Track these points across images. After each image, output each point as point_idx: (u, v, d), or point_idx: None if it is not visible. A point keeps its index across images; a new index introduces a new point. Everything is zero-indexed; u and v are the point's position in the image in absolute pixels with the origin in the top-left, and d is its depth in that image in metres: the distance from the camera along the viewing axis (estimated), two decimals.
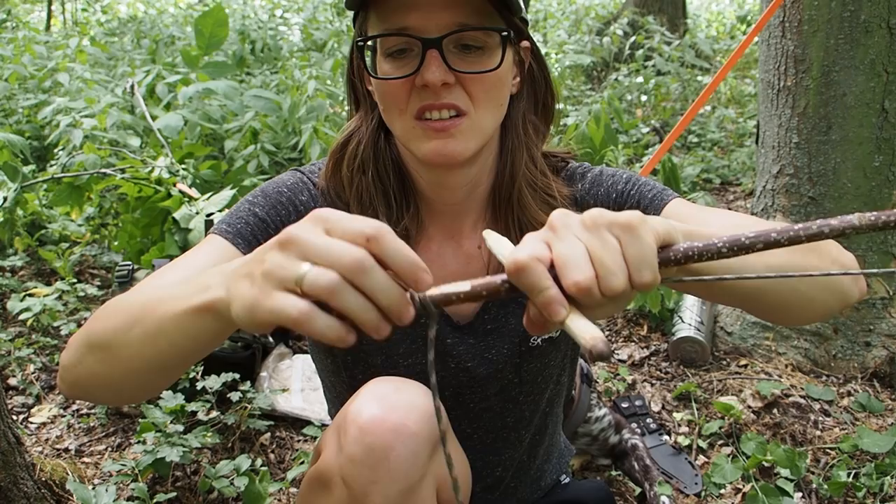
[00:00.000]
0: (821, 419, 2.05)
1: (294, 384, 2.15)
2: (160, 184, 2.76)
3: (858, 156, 2.17)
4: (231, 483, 1.69)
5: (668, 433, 2.02)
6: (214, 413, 1.93)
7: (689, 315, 2.39)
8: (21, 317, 2.40)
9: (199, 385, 1.92)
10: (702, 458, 1.93)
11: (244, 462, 1.71)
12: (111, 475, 1.81)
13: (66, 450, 1.94)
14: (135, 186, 2.74)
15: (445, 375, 1.15)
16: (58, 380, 0.90)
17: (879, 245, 2.20)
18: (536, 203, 1.09)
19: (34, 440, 1.98)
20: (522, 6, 1.00)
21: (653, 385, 2.25)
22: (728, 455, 1.89)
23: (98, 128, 3.41)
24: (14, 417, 2.05)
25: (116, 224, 3.18)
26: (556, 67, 5.87)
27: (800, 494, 1.78)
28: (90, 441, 1.99)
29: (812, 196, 2.25)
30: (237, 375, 1.98)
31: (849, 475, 1.80)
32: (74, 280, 2.68)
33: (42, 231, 3.14)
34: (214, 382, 1.93)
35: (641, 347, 2.45)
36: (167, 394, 1.84)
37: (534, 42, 1.08)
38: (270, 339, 2.33)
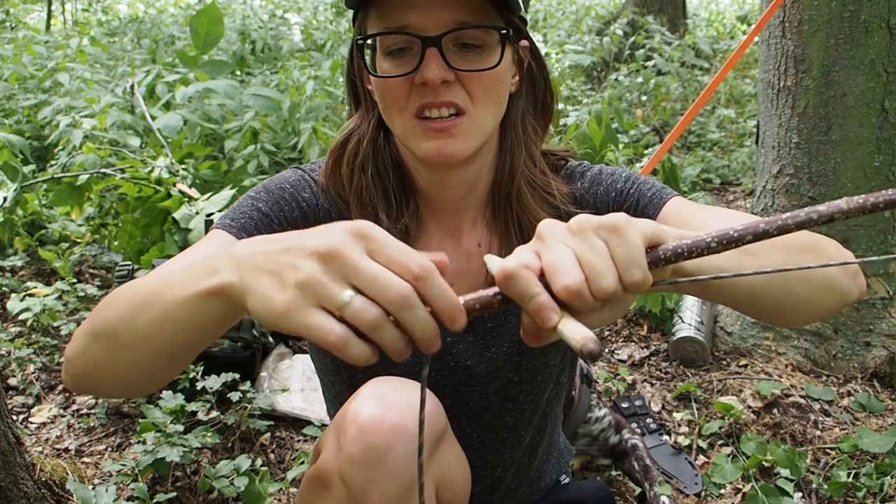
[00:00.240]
0: (821, 419, 2.05)
1: (294, 384, 2.15)
2: (160, 184, 2.76)
3: (858, 156, 2.17)
4: (231, 483, 1.69)
5: (668, 433, 2.02)
6: (214, 413, 1.93)
7: (689, 315, 2.39)
8: (21, 317, 2.40)
9: (199, 385, 1.92)
10: (702, 458, 1.93)
11: (244, 462, 1.71)
12: (111, 475, 1.81)
13: (66, 450, 1.94)
14: (135, 186, 2.74)
15: (445, 373, 1.15)
16: (63, 373, 0.89)
17: (879, 245, 2.20)
18: (536, 201, 1.09)
19: (34, 440, 1.98)
20: (521, 5, 1.00)
21: (653, 385, 2.25)
22: (728, 455, 1.89)
23: (98, 128, 3.41)
24: (14, 417, 2.05)
25: (116, 224, 3.18)
26: (557, 68, 5.87)
27: (800, 494, 1.78)
28: (90, 441, 1.99)
29: (812, 196, 2.24)
30: (237, 375, 1.98)
31: (849, 475, 1.80)
32: (74, 280, 2.68)
33: (42, 231, 3.14)
34: (214, 382, 1.93)
35: (641, 347, 2.45)
36: (167, 394, 1.84)
37: (533, 41, 1.08)
38: (270, 340, 2.33)
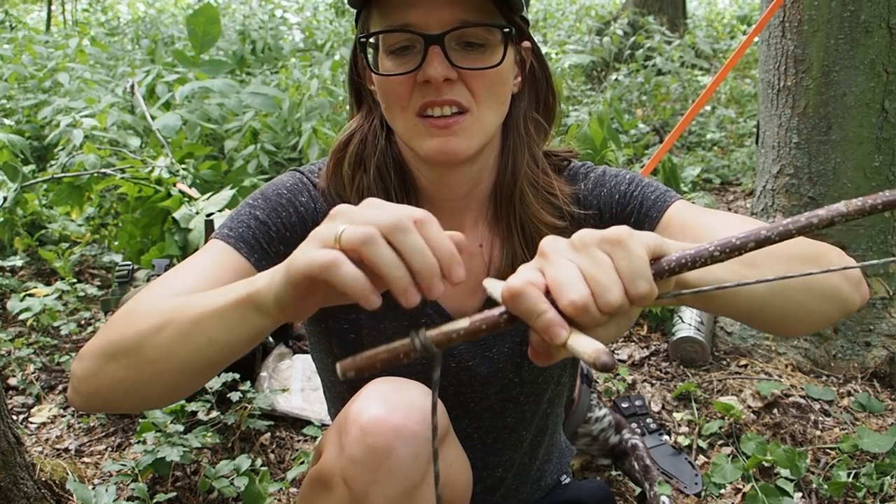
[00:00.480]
0: (821, 419, 2.05)
1: (294, 384, 2.15)
2: (160, 184, 2.76)
3: (858, 156, 2.17)
4: (231, 483, 1.69)
5: (668, 433, 2.02)
6: (214, 413, 1.93)
7: (689, 315, 2.40)
8: (21, 317, 2.40)
9: None
10: (702, 458, 1.93)
11: (244, 462, 1.71)
12: (111, 475, 1.81)
13: (66, 450, 1.94)
14: (135, 186, 2.74)
15: (446, 374, 1.15)
16: (71, 393, 0.87)
17: (879, 245, 2.21)
18: (538, 202, 1.09)
19: (34, 440, 1.98)
20: (523, 4, 1.00)
21: (653, 385, 2.25)
22: (728, 455, 1.89)
23: (98, 128, 3.41)
24: (14, 417, 2.05)
25: (116, 224, 3.18)
26: (557, 68, 5.87)
27: (800, 494, 1.78)
28: (90, 441, 1.99)
29: (812, 196, 2.25)
30: (237, 375, 1.98)
31: (849, 475, 1.80)
32: (74, 280, 2.68)
33: (42, 231, 3.14)
34: (214, 382, 1.93)
35: (641, 347, 2.45)
36: None
37: (535, 42, 1.08)
38: (270, 340, 2.33)
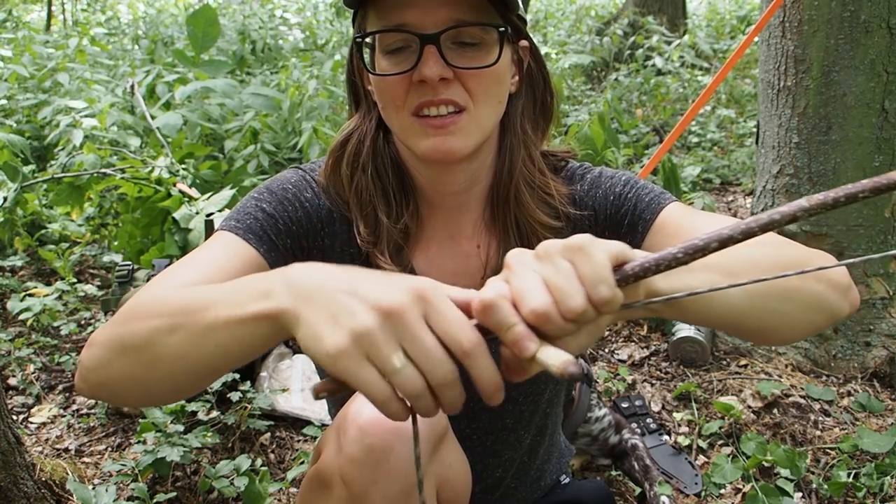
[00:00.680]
0: (821, 419, 2.05)
1: (294, 384, 2.15)
2: (160, 184, 2.76)
3: (858, 156, 2.17)
4: (231, 483, 1.69)
5: (668, 433, 2.02)
6: (214, 413, 1.93)
7: None
8: (21, 317, 2.40)
9: None
10: (702, 458, 1.93)
11: (244, 462, 1.71)
12: (111, 475, 1.81)
13: (66, 450, 1.94)
14: (135, 186, 2.74)
15: None
16: (78, 380, 0.86)
17: (879, 245, 2.20)
18: (534, 201, 1.09)
19: (34, 440, 1.98)
20: (520, 4, 1.00)
21: (653, 385, 2.25)
22: (728, 455, 1.89)
23: (98, 128, 3.42)
24: (14, 417, 2.05)
25: (116, 224, 3.18)
26: (557, 68, 5.87)
27: (800, 494, 1.78)
28: (90, 441, 1.99)
29: None
30: (237, 375, 1.98)
31: (849, 475, 1.80)
32: (74, 280, 2.68)
33: (42, 231, 3.14)
34: (214, 382, 1.93)
35: (641, 347, 2.45)
36: None
37: (532, 42, 1.08)
38: None
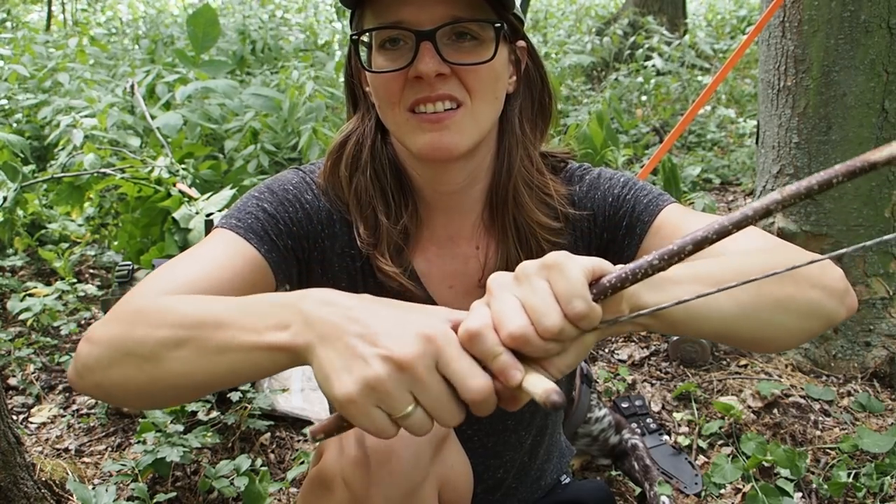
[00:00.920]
0: (821, 419, 2.05)
1: (294, 384, 2.15)
2: (160, 184, 2.76)
3: (858, 156, 2.17)
4: (231, 483, 1.69)
5: (668, 433, 2.02)
6: (214, 413, 1.93)
7: None
8: (21, 317, 2.40)
9: None
10: (702, 458, 1.93)
11: (244, 462, 1.71)
12: (111, 475, 1.81)
13: (66, 450, 1.94)
14: (135, 186, 2.74)
15: None
16: (72, 374, 0.85)
17: (880, 245, 2.20)
18: (533, 202, 1.09)
19: (34, 440, 1.98)
20: (516, 3, 1.00)
21: (653, 385, 2.25)
22: (728, 455, 1.89)
23: (98, 128, 3.41)
24: (14, 417, 2.05)
25: (116, 224, 3.18)
26: (556, 68, 5.87)
27: (800, 494, 1.78)
28: (90, 441, 1.99)
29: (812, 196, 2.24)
30: None
31: (849, 475, 1.80)
32: (74, 280, 2.68)
33: (42, 231, 3.14)
34: None
35: (641, 347, 2.45)
36: None
37: (530, 42, 1.08)
38: None
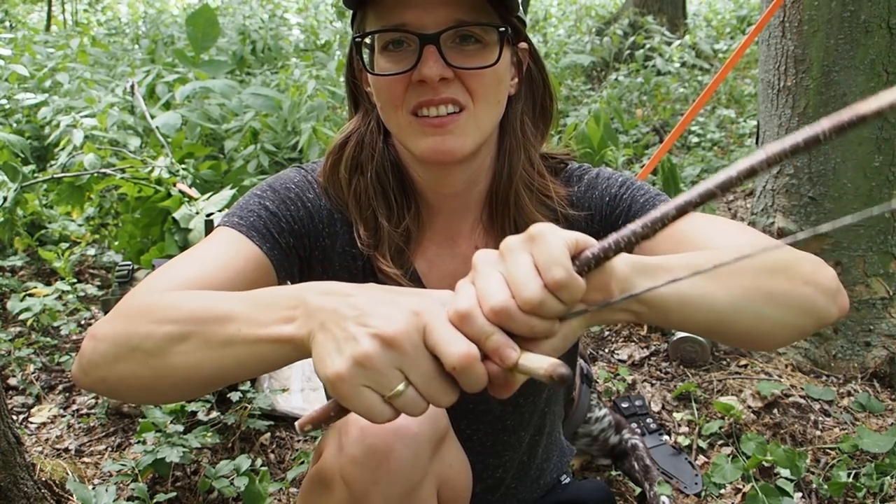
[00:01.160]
0: (821, 419, 2.05)
1: (294, 384, 2.15)
2: (160, 184, 2.76)
3: (858, 156, 2.17)
4: (231, 483, 1.69)
5: (668, 433, 2.02)
6: (214, 413, 1.93)
7: None
8: (21, 317, 2.40)
9: None
10: (702, 458, 1.93)
11: (244, 462, 1.71)
12: (111, 475, 1.81)
13: (66, 450, 1.94)
14: (135, 186, 2.74)
15: None
16: (77, 372, 0.85)
17: (880, 245, 2.20)
18: (533, 204, 1.09)
19: (34, 440, 1.98)
20: (520, 5, 1.00)
21: (653, 385, 2.25)
22: (728, 455, 1.89)
23: (98, 128, 3.41)
24: (14, 417, 2.05)
25: (116, 224, 3.18)
26: (556, 68, 5.87)
27: (800, 494, 1.78)
28: (90, 441, 1.99)
29: (812, 196, 2.25)
30: None
31: (849, 475, 1.80)
32: (74, 280, 2.68)
33: (42, 231, 3.14)
34: None
35: (641, 347, 2.45)
36: None
37: (532, 44, 1.08)
38: None
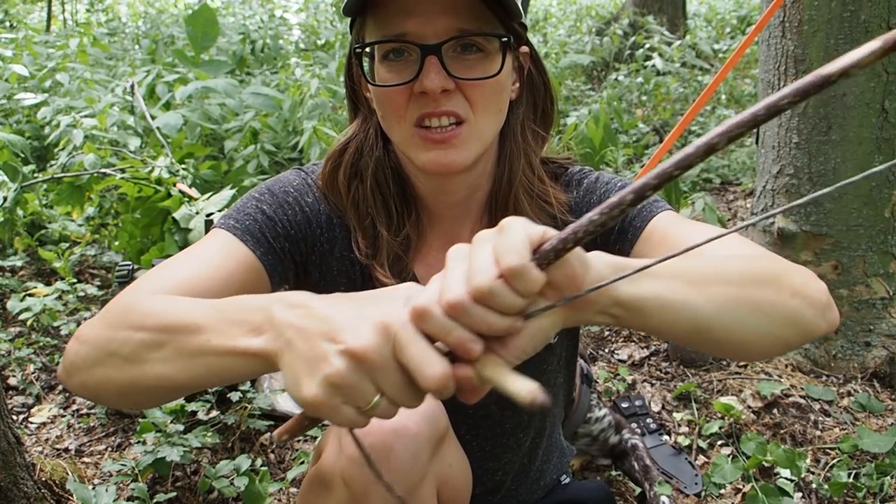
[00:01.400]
0: (821, 419, 2.05)
1: None
2: (160, 184, 2.75)
3: (858, 156, 2.17)
4: (231, 483, 1.69)
5: (668, 433, 2.02)
6: (214, 413, 1.93)
7: None
8: (21, 317, 2.40)
9: None
10: (702, 458, 1.93)
11: (244, 462, 1.71)
12: (111, 475, 1.81)
13: (66, 450, 1.94)
14: (135, 186, 2.74)
15: None
16: (62, 373, 0.87)
17: (879, 245, 2.20)
18: (533, 210, 1.08)
19: (34, 440, 1.98)
20: (522, 10, 0.99)
21: (653, 385, 2.25)
22: (728, 455, 1.89)
23: (98, 128, 3.41)
24: (14, 417, 2.05)
25: (116, 224, 3.18)
26: (556, 68, 5.87)
27: (800, 494, 1.78)
28: (90, 441, 1.99)
29: None
30: None
31: (849, 475, 1.80)
32: (74, 280, 2.68)
33: (42, 231, 3.14)
34: None
35: (641, 347, 2.45)
36: None
37: (533, 47, 1.07)
38: None
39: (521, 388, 0.58)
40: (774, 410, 2.06)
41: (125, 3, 10.82)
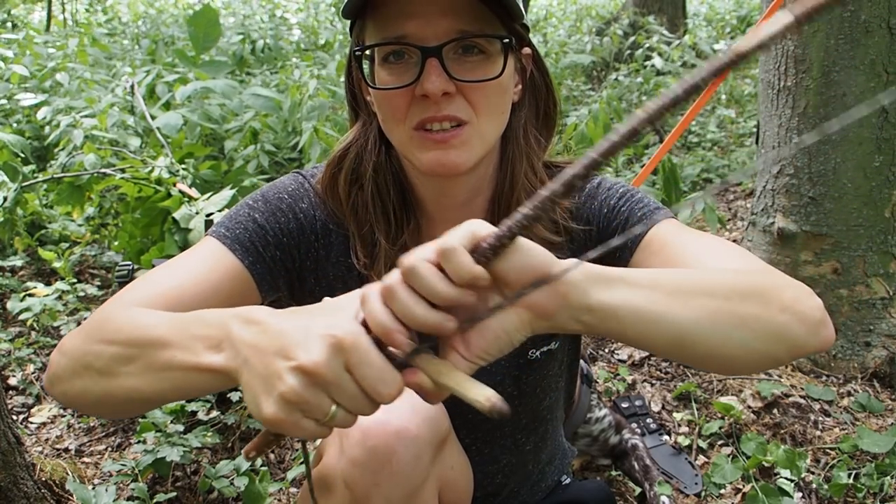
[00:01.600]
0: (821, 419, 2.05)
1: None
2: (160, 184, 2.75)
3: (858, 156, 2.17)
4: (231, 483, 1.69)
5: (668, 433, 2.02)
6: (214, 413, 1.93)
7: None
8: (21, 317, 2.40)
9: None
10: (702, 458, 1.93)
11: (244, 462, 1.71)
12: (111, 475, 1.81)
13: (66, 450, 1.94)
14: (135, 186, 2.74)
15: None
16: (46, 383, 0.90)
17: (880, 245, 2.20)
18: None
19: (34, 440, 1.98)
20: (523, 11, 0.97)
21: (653, 385, 2.25)
22: (728, 455, 1.89)
23: (98, 128, 3.41)
24: (14, 417, 2.05)
25: (116, 224, 3.18)
26: (556, 68, 5.87)
27: (800, 494, 1.78)
28: (90, 441, 1.99)
29: (812, 196, 2.24)
30: None
31: (849, 475, 1.80)
32: (74, 280, 2.68)
33: (42, 231, 3.14)
34: None
35: None
36: None
37: (535, 48, 1.06)
38: None
39: (479, 395, 0.59)
40: (774, 410, 2.06)
41: (125, 3, 10.82)
